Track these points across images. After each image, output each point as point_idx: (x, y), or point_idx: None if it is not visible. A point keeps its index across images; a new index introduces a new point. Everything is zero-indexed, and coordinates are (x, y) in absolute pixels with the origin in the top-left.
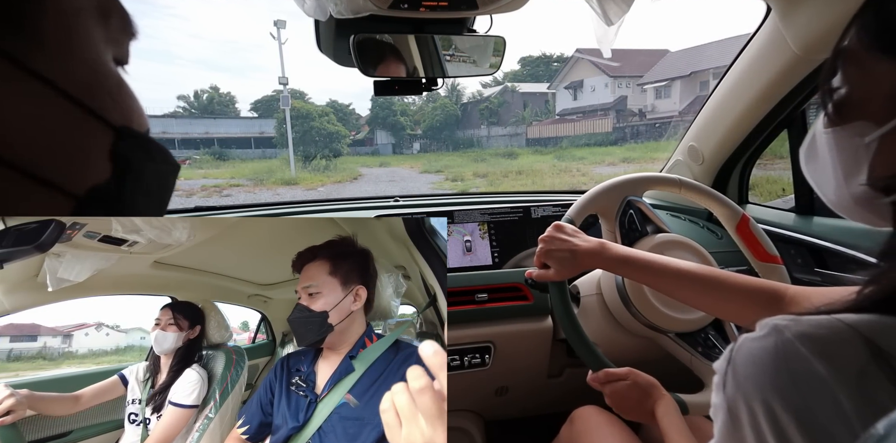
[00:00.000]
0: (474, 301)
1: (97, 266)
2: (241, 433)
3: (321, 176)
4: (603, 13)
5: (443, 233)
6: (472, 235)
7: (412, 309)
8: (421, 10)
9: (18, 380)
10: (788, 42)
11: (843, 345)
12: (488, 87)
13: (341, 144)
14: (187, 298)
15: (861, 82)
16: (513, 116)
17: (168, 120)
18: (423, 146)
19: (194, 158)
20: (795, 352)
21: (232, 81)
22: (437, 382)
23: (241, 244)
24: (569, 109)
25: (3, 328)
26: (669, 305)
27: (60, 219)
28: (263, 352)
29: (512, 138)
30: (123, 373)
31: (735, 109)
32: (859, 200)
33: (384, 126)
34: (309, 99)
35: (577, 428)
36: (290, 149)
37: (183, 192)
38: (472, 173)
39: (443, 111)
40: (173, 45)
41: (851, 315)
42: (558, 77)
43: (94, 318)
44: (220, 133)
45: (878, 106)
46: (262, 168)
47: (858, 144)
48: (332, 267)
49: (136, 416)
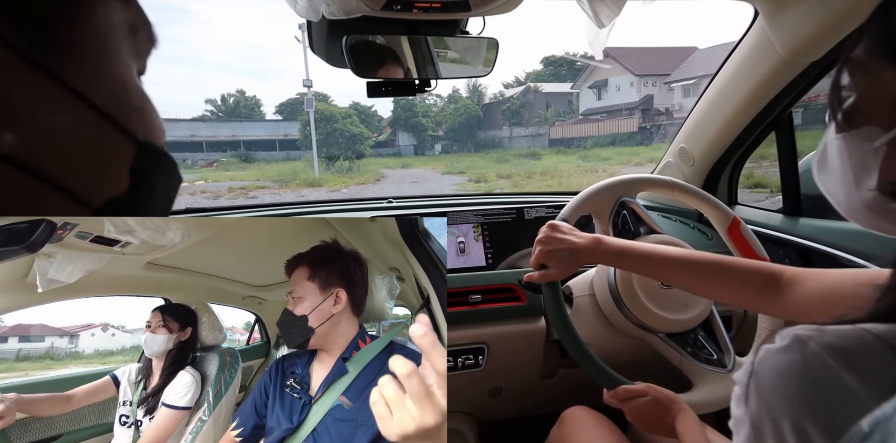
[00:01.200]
0: (468, 302)
1: (89, 267)
2: (235, 436)
3: (344, 178)
4: (594, 16)
5: (442, 233)
6: (465, 236)
7: (406, 311)
8: (414, 11)
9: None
10: (776, 46)
11: (873, 357)
12: (510, 88)
13: (364, 145)
14: (181, 299)
15: (868, 89)
16: (535, 116)
17: (196, 123)
18: (444, 147)
19: (221, 160)
20: (823, 364)
21: (257, 85)
22: (430, 362)
23: (235, 245)
24: (593, 109)
25: (12, 329)
26: (660, 305)
27: (51, 219)
28: (258, 354)
29: (534, 139)
30: (116, 374)
31: (724, 112)
32: (870, 205)
33: (406, 128)
34: (332, 101)
35: (567, 429)
36: (314, 151)
37: (210, 193)
38: (496, 174)
39: (464, 112)
40: (202, 50)
41: (877, 325)
42: (582, 76)
43: (100, 318)
44: (245, 136)
45: (885, 111)
46: (286, 170)
47: (867, 150)
48: (311, 272)
49: (128, 418)
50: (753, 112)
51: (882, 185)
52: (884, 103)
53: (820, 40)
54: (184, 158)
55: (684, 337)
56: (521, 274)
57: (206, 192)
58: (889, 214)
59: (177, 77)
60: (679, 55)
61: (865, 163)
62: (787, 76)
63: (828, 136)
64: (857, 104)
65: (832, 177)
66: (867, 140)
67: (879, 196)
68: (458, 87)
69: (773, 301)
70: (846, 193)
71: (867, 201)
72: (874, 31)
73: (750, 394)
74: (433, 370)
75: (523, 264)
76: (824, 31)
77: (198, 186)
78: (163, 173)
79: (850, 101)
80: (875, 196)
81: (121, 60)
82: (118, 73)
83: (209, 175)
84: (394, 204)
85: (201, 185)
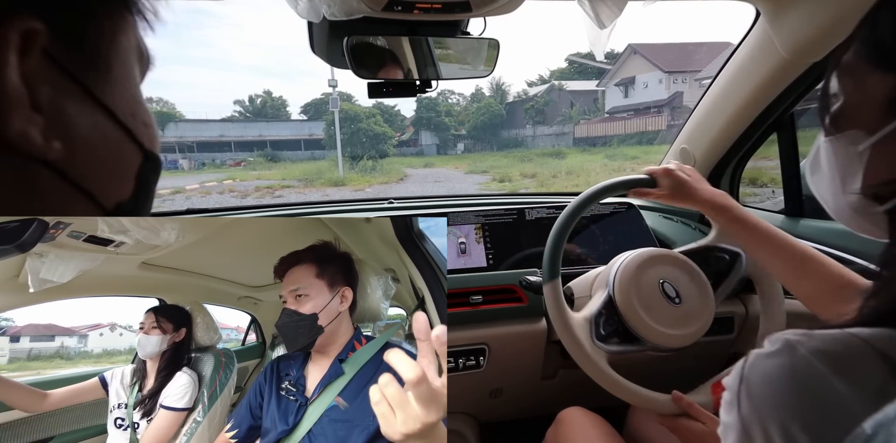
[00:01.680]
0: (469, 303)
1: (82, 267)
2: (230, 437)
3: (368, 177)
4: (595, 16)
5: (442, 233)
6: (466, 237)
7: (401, 311)
8: (415, 12)
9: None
10: (777, 46)
11: (861, 361)
12: (534, 86)
13: (387, 145)
14: (176, 299)
15: (854, 93)
16: (559, 114)
17: (225, 124)
18: (467, 147)
19: (248, 160)
20: (812, 369)
21: (283, 86)
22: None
23: (230, 246)
24: (619, 107)
25: (23, 328)
26: (656, 318)
27: (43, 218)
28: (253, 354)
29: (558, 138)
30: (105, 376)
31: (725, 112)
32: (855, 208)
33: (429, 127)
34: (356, 101)
35: (563, 430)
36: (339, 150)
37: (238, 192)
38: (520, 174)
39: (487, 111)
40: (231, 53)
41: (864, 329)
42: (608, 74)
43: (108, 318)
44: (272, 136)
45: (870, 115)
46: (311, 169)
47: (853, 153)
48: (319, 270)
49: (123, 421)
50: (755, 113)
51: (865, 188)
52: (869, 108)
53: (822, 41)
54: (213, 157)
55: None
56: (522, 275)
57: (234, 190)
58: (873, 216)
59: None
60: (711, 51)
61: (851, 166)
62: (788, 77)
63: (819, 138)
64: (844, 108)
65: (822, 180)
66: (853, 144)
67: (864, 199)
68: (482, 86)
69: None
70: (834, 196)
71: (853, 204)
72: (862, 37)
73: (741, 400)
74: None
75: (524, 265)
76: (826, 32)
77: (226, 185)
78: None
79: (837, 105)
80: (859, 199)
81: (135, 80)
82: (134, 90)
83: (237, 174)
84: (395, 204)
85: (230, 184)
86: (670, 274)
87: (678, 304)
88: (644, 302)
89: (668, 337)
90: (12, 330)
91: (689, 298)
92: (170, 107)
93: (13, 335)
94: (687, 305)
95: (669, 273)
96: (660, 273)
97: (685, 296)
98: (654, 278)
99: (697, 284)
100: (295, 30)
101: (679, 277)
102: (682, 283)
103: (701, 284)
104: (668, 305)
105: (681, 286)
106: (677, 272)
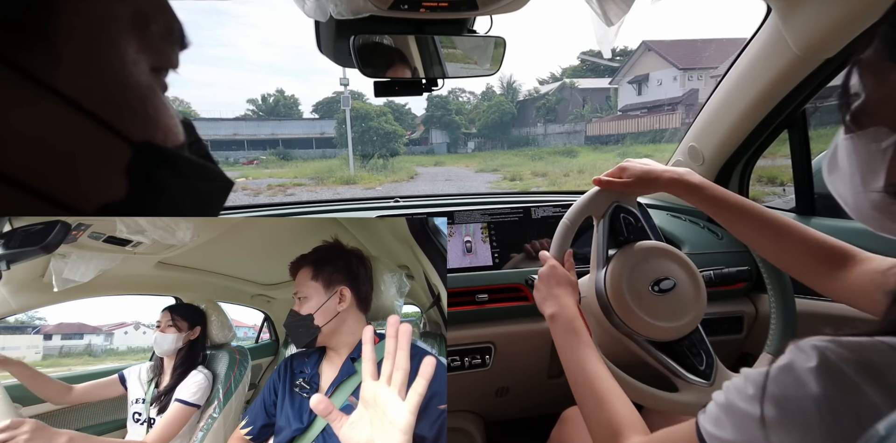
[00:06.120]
0: (475, 302)
1: (102, 267)
2: (245, 434)
3: (379, 175)
4: (603, 14)
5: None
6: (472, 235)
7: (416, 309)
8: (421, 10)
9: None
10: (788, 42)
11: (891, 369)
12: (545, 84)
13: (398, 143)
14: (191, 298)
15: (876, 90)
16: (571, 113)
17: (239, 123)
18: (477, 145)
19: (261, 158)
20: (844, 377)
21: (296, 84)
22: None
23: (244, 244)
24: (632, 105)
25: (55, 327)
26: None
27: (65, 220)
28: (267, 352)
29: (570, 136)
30: (123, 373)
31: (735, 110)
32: (877, 206)
33: (439, 125)
34: (367, 99)
35: (567, 429)
36: (350, 148)
37: (251, 190)
38: (531, 172)
39: (498, 109)
40: (245, 52)
41: (893, 338)
42: (621, 71)
43: (132, 317)
44: (284, 134)
45: (892, 112)
46: (322, 168)
47: (875, 150)
48: (314, 272)
49: (140, 415)
50: (765, 110)
51: (889, 186)
52: (892, 104)
53: (834, 37)
54: (226, 156)
55: (671, 346)
56: (527, 273)
57: (247, 188)
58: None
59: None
60: (727, 47)
61: (873, 164)
62: (800, 73)
63: (837, 137)
64: (866, 105)
65: (841, 178)
66: (875, 141)
67: (886, 197)
68: (492, 84)
69: (833, 276)
70: (854, 195)
71: (874, 203)
72: (884, 34)
73: (765, 399)
74: None
75: (529, 264)
76: (838, 28)
77: (239, 183)
78: (179, 175)
79: (858, 103)
80: (882, 197)
81: (117, 57)
82: (112, 71)
83: (250, 172)
84: (400, 203)
85: (242, 182)
86: (660, 266)
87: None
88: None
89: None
90: (45, 329)
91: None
92: (185, 105)
93: (46, 334)
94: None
95: (660, 265)
96: (652, 266)
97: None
98: (645, 269)
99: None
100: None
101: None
102: (673, 274)
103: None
104: (659, 297)
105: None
106: (668, 263)
